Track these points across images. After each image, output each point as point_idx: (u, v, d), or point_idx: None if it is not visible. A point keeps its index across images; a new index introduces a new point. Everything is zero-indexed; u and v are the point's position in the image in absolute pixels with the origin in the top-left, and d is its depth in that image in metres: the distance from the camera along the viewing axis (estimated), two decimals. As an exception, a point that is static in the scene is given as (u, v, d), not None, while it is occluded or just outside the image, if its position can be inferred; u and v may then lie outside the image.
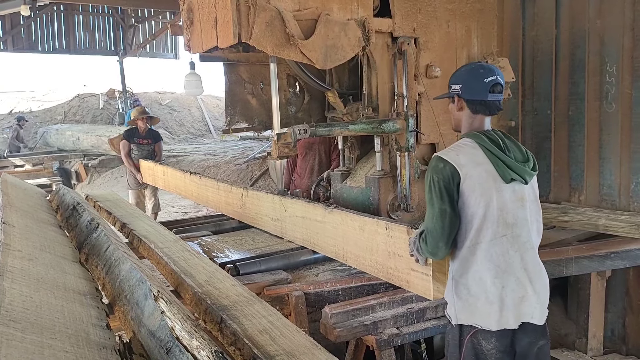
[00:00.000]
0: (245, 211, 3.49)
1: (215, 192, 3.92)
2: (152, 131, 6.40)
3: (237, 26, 2.54)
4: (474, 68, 1.98)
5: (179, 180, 4.71)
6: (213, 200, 3.96)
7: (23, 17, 13.26)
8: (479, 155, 1.81)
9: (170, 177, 4.97)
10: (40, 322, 1.39)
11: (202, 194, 4.17)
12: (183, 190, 4.63)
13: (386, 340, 2.13)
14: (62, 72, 22.04)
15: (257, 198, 3.34)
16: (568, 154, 3.69)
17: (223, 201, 3.79)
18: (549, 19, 3.74)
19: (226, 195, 3.72)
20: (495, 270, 1.77)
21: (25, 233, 2.31)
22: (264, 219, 3.28)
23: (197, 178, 4.27)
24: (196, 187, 4.29)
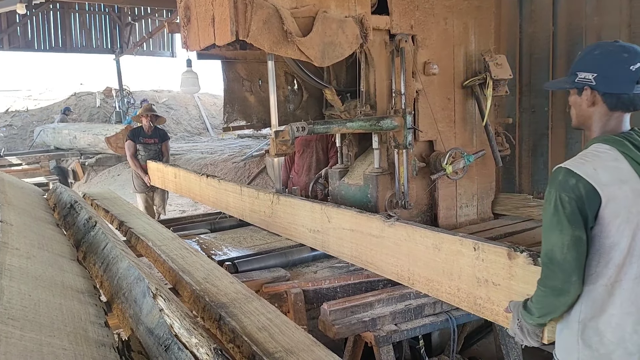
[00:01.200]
0: (275, 220, 3.10)
1: (237, 198, 3.50)
2: (159, 130, 6.08)
3: (235, 24, 2.53)
4: (614, 51, 1.51)
5: (193, 184, 4.26)
6: (235, 206, 3.54)
7: (19, 15, 13.20)
8: (623, 169, 1.41)
9: (183, 180, 4.51)
10: (39, 320, 1.38)
11: (222, 200, 3.72)
12: (198, 194, 4.18)
13: (384, 337, 2.13)
14: (58, 70, 21.96)
15: (291, 206, 2.93)
16: (565, 150, 3.70)
17: (247, 208, 3.38)
18: (546, 16, 3.75)
19: (251, 201, 3.31)
20: (638, 315, 1.43)
21: (23, 231, 2.30)
22: (299, 230, 2.89)
23: (215, 182, 3.82)
24: (214, 191, 3.84)
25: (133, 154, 5.79)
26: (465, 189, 3.44)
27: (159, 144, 5.89)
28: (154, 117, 5.93)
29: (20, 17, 13.53)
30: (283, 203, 3.00)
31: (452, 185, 3.37)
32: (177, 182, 4.65)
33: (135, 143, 5.80)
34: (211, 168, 9.45)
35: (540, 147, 3.84)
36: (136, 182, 5.86)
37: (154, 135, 5.88)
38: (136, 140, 5.81)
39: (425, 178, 3.25)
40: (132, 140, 5.84)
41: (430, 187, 3.30)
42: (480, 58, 3.35)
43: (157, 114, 6.10)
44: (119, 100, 14.97)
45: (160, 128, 6.21)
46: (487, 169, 3.56)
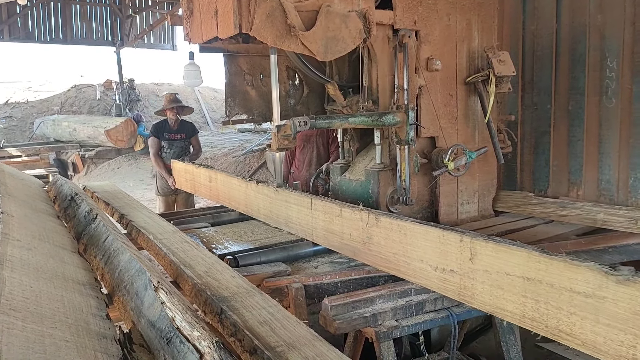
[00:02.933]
0: (371, 248, 2.31)
1: (304, 213, 2.75)
2: (186, 123, 5.27)
3: (238, 16, 2.52)
4: None
5: (235, 191, 3.47)
6: (300, 223, 2.81)
7: (19, 6, 13.17)
8: None
9: (221, 185, 3.70)
10: (40, 312, 1.38)
11: (279, 213, 2.99)
12: (243, 204, 3.41)
13: (385, 333, 2.13)
14: (58, 62, 21.89)
15: (402, 231, 2.13)
16: (567, 148, 3.69)
17: (320, 227, 2.64)
18: (549, 13, 3.73)
19: (328, 219, 2.57)
20: None
21: (24, 223, 2.30)
22: (413, 266, 2.10)
23: (270, 190, 3.04)
24: (267, 202, 3.09)
25: (157, 152, 5.06)
26: (466, 186, 3.44)
27: (186, 140, 5.16)
28: (179, 109, 5.15)
29: (21, 7, 13.48)
30: (386, 226, 2.21)
31: (454, 182, 3.37)
32: (213, 187, 3.84)
33: (159, 139, 5.07)
34: (211, 162, 9.46)
35: (542, 145, 3.84)
36: (159, 184, 5.15)
37: (180, 130, 5.14)
38: (160, 136, 5.07)
39: (426, 174, 3.25)
40: (156, 136, 5.08)
41: (432, 183, 3.29)
42: (483, 54, 3.35)
43: (183, 105, 5.28)
44: (119, 93, 14.94)
45: (188, 121, 5.44)
46: (489, 166, 3.55)
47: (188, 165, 4.40)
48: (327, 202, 2.60)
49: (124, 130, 11.10)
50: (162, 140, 5.08)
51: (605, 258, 2.93)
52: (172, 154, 5.01)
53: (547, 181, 3.83)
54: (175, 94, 5.32)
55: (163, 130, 5.09)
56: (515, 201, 3.68)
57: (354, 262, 2.61)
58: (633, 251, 2.95)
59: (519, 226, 3.34)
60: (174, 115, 5.05)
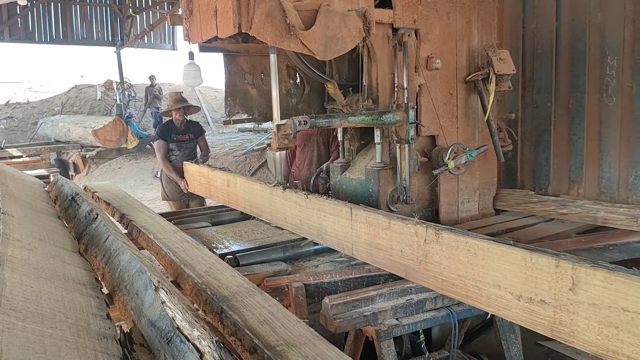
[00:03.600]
0: (428, 268, 2.04)
1: (342, 224, 2.45)
2: (192, 123, 5.08)
3: (237, 16, 2.52)
4: None
5: (258, 197, 3.19)
6: (336, 235, 2.52)
7: (20, 6, 13.18)
8: None
9: (241, 190, 3.42)
10: (41, 312, 1.38)
11: (311, 223, 2.70)
12: (267, 212, 3.13)
13: (386, 331, 2.13)
14: (59, 62, 21.91)
15: (472, 251, 1.84)
16: (568, 146, 3.69)
17: (363, 241, 2.35)
18: (549, 11, 3.73)
19: (373, 232, 2.27)
20: None
21: (25, 223, 2.30)
22: (487, 292, 1.81)
23: (300, 197, 2.76)
24: (296, 211, 2.81)
25: (165, 155, 4.81)
26: (467, 185, 3.44)
27: (194, 140, 4.95)
28: (185, 109, 4.94)
29: (21, 8, 13.50)
30: (450, 243, 1.92)
31: (454, 181, 3.37)
32: (231, 192, 3.56)
33: (166, 142, 4.83)
34: (211, 162, 9.46)
35: (542, 143, 3.83)
36: (168, 188, 4.88)
37: (188, 130, 4.91)
38: (168, 139, 4.83)
39: (427, 173, 3.25)
40: (163, 138, 4.83)
41: (432, 182, 3.29)
42: (483, 53, 3.34)
43: (189, 104, 5.04)
44: (120, 93, 14.95)
45: (194, 121, 5.25)
46: (489, 164, 3.55)
47: (203, 167, 4.08)
48: (371, 213, 2.30)
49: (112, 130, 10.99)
50: (170, 142, 4.86)
51: (605, 256, 2.93)
52: (182, 156, 4.82)
53: (547, 179, 3.83)
54: (180, 93, 5.10)
55: (170, 132, 4.87)
56: (515, 199, 3.68)
57: (355, 261, 2.61)
58: (634, 249, 2.95)
59: (519, 224, 3.34)
60: (180, 115, 4.85)
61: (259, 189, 3.20)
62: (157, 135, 4.96)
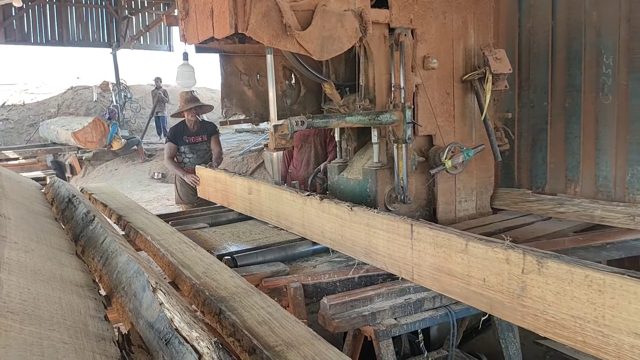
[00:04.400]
0: (532, 305, 1.67)
1: (402, 244, 2.12)
2: (206, 123, 4.81)
3: (234, 16, 2.52)
4: None
5: (287, 207, 2.91)
6: (394, 255, 2.19)
7: (15, 8, 13.14)
8: None
9: (266, 198, 3.11)
10: (38, 314, 1.38)
11: (357, 240, 2.38)
12: (299, 224, 2.83)
13: (384, 331, 2.13)
14: (55, 64, 21.85)
15: (598, 287, 1.48)
16: (564, 145, 3.70)
17: (432, 265, 2.02)
18: (545, 10, 3.74)
19: (447, 256, 1.94)
20: None
21: (21, 225, 2.29)
22: (618, 341, 1.45)
23: (342, 210, 2.44)
24: (338, 225, 2.50)
25: (171, 156, 4.59)
26: (464, 184, 3.45)
27: (208, 142, 4.64)
28: (198, 109, 4.64)
29: (17, 10, 13.47)
30: (562, 276, 1.55)
31: (451, 180, 3.37)
32: (254, 200, 3.24)
33: (176, 145, 4.57)
34: (209, 163, 9.43)
35: (539, 142, 3.84)
36: (182, 191, 4.64)
37: (201, 132, 4.61)
38: (179, 142, 4.56)
39: (424, 173, 3.25)
40: (173, 141, 4.58)
41: (430, 181, 3.30)
42: (480, 52, 3.35)
43: (201, 104, 4.74)
44: (116, 95, 14.92)
45: (207, 121, 5.00)
46: (486, 163, 3.56)
47: (219, 172, 3.70)
48: (440, 232, 1.94)
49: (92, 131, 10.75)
50: (181, 145, 4.58)
51: (603, 254, 2.94)
52: (196, 159, 4.53)
53: (544, 178, 3.84)
54: (192, 92, 4.76)
55: (182, 134, 4.57)
56: (512, 198, 3.69)
57: (353, 261, 2.61)
58: (631, 247, 2.96)
59: (516, 223, 3.35)
60: (192, 116, 4.56)
61: (288, 198, 2.87)
62: (167, 137, 4.73)
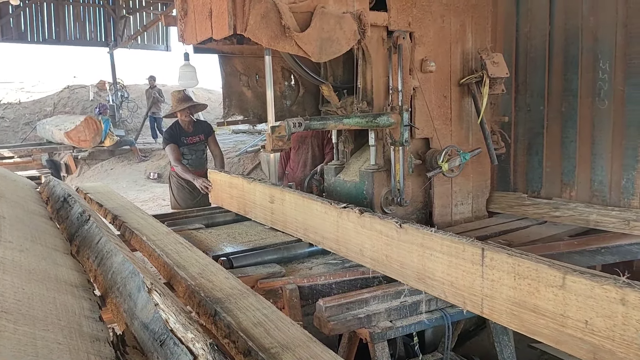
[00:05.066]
0: None
1: (469, 271, 1.83)
2: (201, 122, 4.71)
3: (233, 17, 2.52)
4: None
5: (318, 219, 2.59)
6: (456, 283, 1.89)
7: (12, 6, 13.09)
8: None
9: (291, 208, 2.82)
10: (33, 314, 1.37)
11: (406, 261, 2.10)
12: (332, 239, 2.51)
13: (380, 334, 2.13)
14: (51, 63, 21.78)
15: None
16: (560, 149, 3.71)
17: (510, 298, 1.70)
18: (542, 15, 3.75)
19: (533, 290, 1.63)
20: None
21: (16, 224, 2.28)
22: None
23: (388, 226, 2.15)
24: (383, 243, 2.19)
25: (178, 157, 4.39)
26: (460, 187, 3.45)
27: (204, 141, 4.57)
28: (192, 108, 4.55)
29: (14, 8, 13.42)
30: None
31: (448, 183, 3.38)
32: (277, 210, 2.96)
33: (178, 145, 4.46)
34: (205, 163, 9.41)
35: (535, 146, 3.85)
36: (180, 196, 4.53)
37: (197, 131, 4.52)
38: (179, 142, 4.46)
39: (421, 175, 3.26)
40: (175, 142, 4.46)
41: (426, 184, 3.30)
42: (477, 56, 3.36)
43: (195, 103, 4.65)
44: (113, 94, 14.88)
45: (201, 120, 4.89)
46: (483, 167, 3.57)
47: (235, 177, 3.41)
48: (524, 260, 1.64)
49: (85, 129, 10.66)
50: (180, 146, 4.48)
51: (598, 259, 2.96)
52: (195, 160, 4.50)
53: (540, 182, 3.85)
54: (183, 91, 4.67)
55: (179, 135, 4.46)
56: (508, 202, 3.70)
57: (349, 262, 2.61)
58: (625, 252, 2.97)
59: (512, 227, 3.36)
60: (186, 116, 4.45)
61: (319, 209, 2.57)
62: (166, 140, 4.56)
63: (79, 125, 10.61)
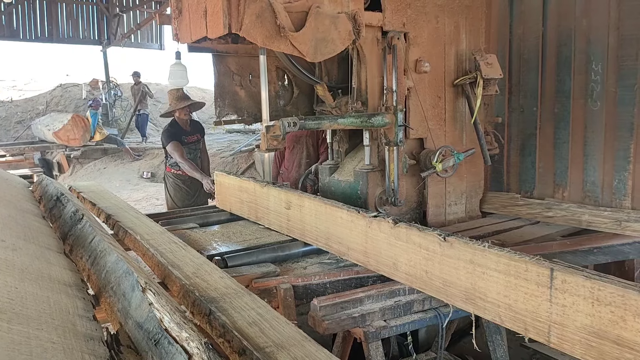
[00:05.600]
0: None
1: (532, 293, 1.63)
2: (195, 122, 4.77)
3: (227, 16, 2.52)
4: None
5: (343, 228, 2.38)
6: (516, 306, 1.69)
7: (4, 3, 12.99)
8: None
9: (311, 216, 2.60)
10: (26, 313, 1.36)
11: (453, 279, 1.88)
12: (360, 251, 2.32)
13: (374, 333, 2.14)
14: (44, 61, 21.63)
15: None
16: (553, 150, 3.74)
17: (588, 328, 1.50)
18: (536, 16, 3.78)
19: (628, 324, 1.42)
20: None
21: (9, 223, 2.26)
22: None
23: (430, 239, 1.93)
24: (422, 257, 1.98)
25: (184, 154, 4.37)
26: (454, 187, 3.47)
27: (200, 141, 4.62)
28: (191, 107, 4.62)
29: (6, 5, 13.31)
30: None
31: (442, 183, 3.39)
32: (294, 217, 2.76)
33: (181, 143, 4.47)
34: (199, 162, 9.39)
35: (528, 147, 3.88)
36: (177, 197, 4.49)
37: (194, 131, 4.56)
38: (180, 140, 4.49)
39: (415, 175, 3.27)
40: (178, 140, 4.45)
41: (420, 184, 3.31)
42: (471, 57, 3.38)
43: (194, 101, 4.69)
44: (106, 93, 14.81)
45: (195, 120, 4.87)
46: (476, 167, 3.59)
47: (245, 181, 3.19)
48: (606, 284, 1.46)
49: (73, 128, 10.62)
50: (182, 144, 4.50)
51: (590, 259, 2.98)
52: (193, 160, 4.51)
53: (533, 183, 3.87)
54: (182, 90, 4.66)
55: (180, 134, 4.46)
56: (502, 202, 3.72)
57: (343, 262, 2.61)
58: (617, 252, 3.00)
59: (505, 227, 3.37)
60: (185, 115, 4.44)
61: (345, 218, 2.35)
62: (169, 138, 4.49)
63: (66, 124, 10.55)
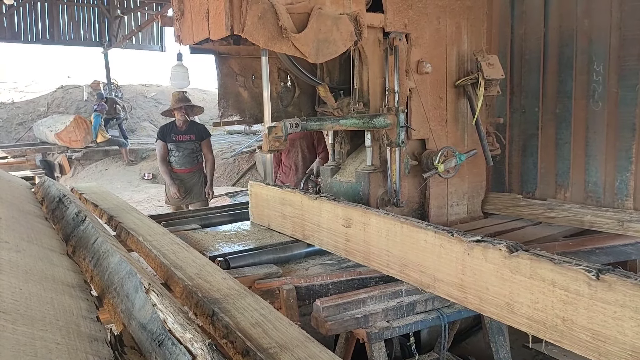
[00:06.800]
0: None
1: None
2: (196, 124, 4.95)
3: (230, 18, 2.52)
4: None
5: (426, 252, 1.93)
6: None
7: (6, 5, 13.02)
8: None
9: (380, 236, 2.17)
10: (31, 314, 1.37)
11: (610, 333, 1.38)
12: (454, 284, 1.84)
13: (376, 334, 2.14)
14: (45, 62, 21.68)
15: None
16: (555, 151, 3.74)
17: None
18: (537, 17, 3.78)
19: None
20: None
21: (12, 224, 2.27)
22: None
23: (574, 277, 1.52)
24: (559, 300, 1.53)
25: (164, 157, 4.69)
26: (456, 188, 3.47)
27: (195, 142, 4.78)
28: (188, 109, 4.81)
29: (7, 7, 13.33)
30: None
31: (444, 184, 3.39)
32: (355, 237, 2.32)
33: (165, 143, 4.70)
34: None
35: (530, 147, 3.88)
36: (169, 193, 4.79)
37: (189, 131, 4.77)
38: (167, 139, 4.71)
39: (417, 176, 3.27)
40: (162, 139, 4.72)
41: (422, 185, 3.31)
42: (473, 58, 3.38)
43: (192, 104, 4.92)
44: (107, 94, 14.80)
45: (199, 123, 5.13)
46: (478, 168, 3.59)
47: (289, 192, 2.73)
48: None
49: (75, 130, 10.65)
50: (168, 142, 4.71)
51: (592, 259, 2.98)
52: (182, 157, 4.70)
53: (535, 183, 3.87)
54: (184, 92, 4.90)
55: (169, 132, 4.71)
56: (503, 203, 3.72)
57: (345, 263, 2.61)
58: (620, 252, 2.99)
59: (507, 228, 3.37)
60: (182, 115, 4.67)
61: (431, 241, 1.88)
62: (156, 137, 4.84)
63: (68, 125, 10.58)
